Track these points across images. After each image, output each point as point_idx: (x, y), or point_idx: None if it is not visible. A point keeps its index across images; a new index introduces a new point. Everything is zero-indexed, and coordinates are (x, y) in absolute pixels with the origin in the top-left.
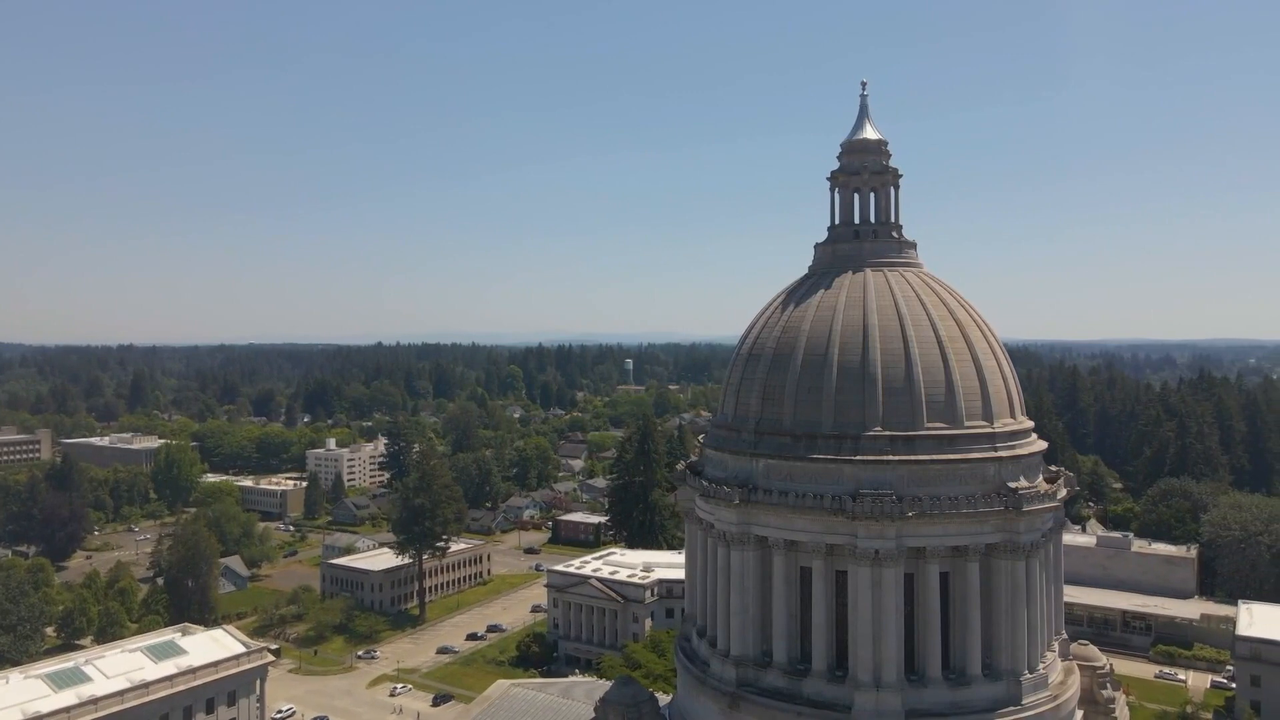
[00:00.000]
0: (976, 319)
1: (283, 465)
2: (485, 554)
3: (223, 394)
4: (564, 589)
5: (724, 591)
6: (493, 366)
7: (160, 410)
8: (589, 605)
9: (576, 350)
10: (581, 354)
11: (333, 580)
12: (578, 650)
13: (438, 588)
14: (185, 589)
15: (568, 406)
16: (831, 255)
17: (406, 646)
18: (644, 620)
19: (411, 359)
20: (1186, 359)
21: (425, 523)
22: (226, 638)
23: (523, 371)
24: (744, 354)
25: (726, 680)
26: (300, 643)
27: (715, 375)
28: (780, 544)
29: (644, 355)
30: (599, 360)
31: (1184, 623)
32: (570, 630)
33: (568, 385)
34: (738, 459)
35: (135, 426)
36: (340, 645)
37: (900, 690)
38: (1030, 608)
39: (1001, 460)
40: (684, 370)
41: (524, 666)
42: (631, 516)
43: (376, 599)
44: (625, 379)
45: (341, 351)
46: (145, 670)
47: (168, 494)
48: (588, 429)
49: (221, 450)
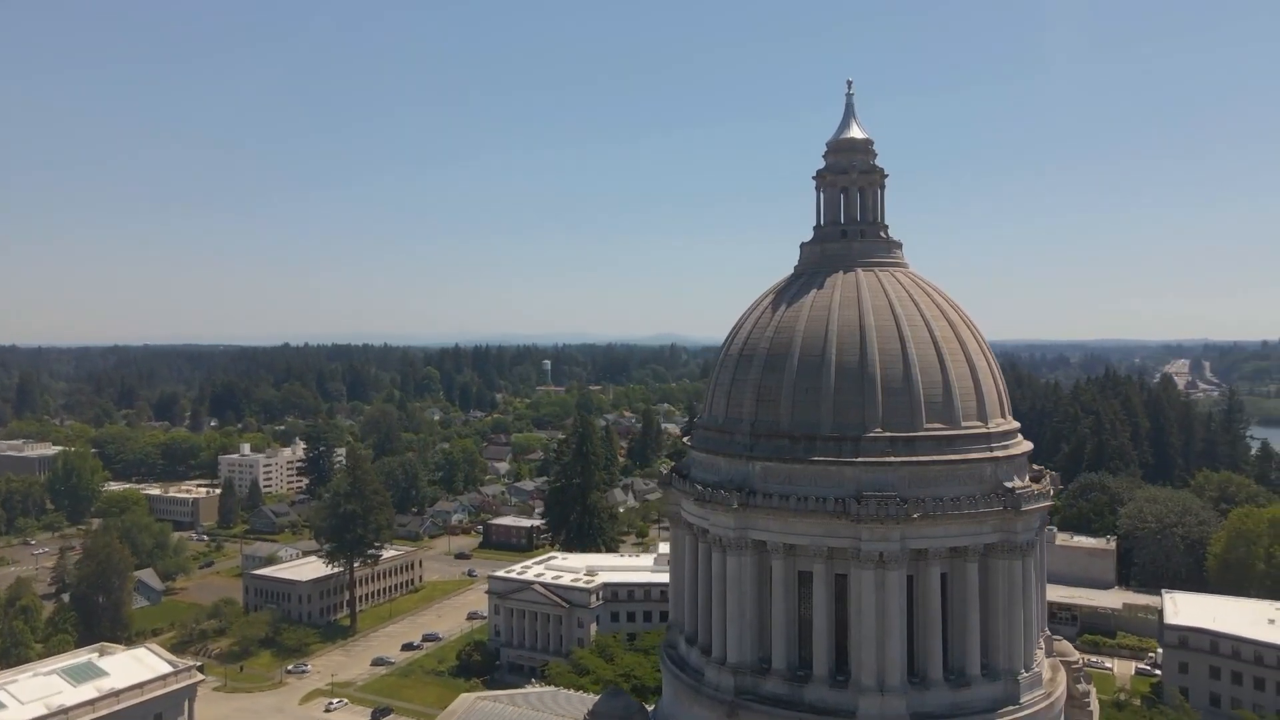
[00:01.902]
0: (965, 319)
1: (191, 472)
2: (417, 561)
3: (120, 398)
4: (506, 595)
5: (719, 597)
6: (408, 368)
7: (51, 415)
8: (532, 611)
9: (494, 351)
10: (499, 355)
11: (257, 592)
12: (521, 658)
13: (368, 596)
14: (95, 605)
15: (488, 408)
16: (820, 255)
17: (339, 659)
18: (589, 625)
19: (322, 360)
20: (1079, 359)
21: (357, 530)
22: (150, 657)
23: (440, 373)
24: (734, 354)
25: (724, 688)
26: (224, 658)
27: (635, 375)
28: (779, 548)
29: (562, 356)
30: (517, 361)
31: (1107, 612)
32: (513, 637)
33: (487, 386)
34: (732, 462)
35: (25, 433)
36: (268, 660)
37: (904, 694)
38: (1026, 607)
39: (998, 460)
40: (603, 371)
41: (465, 676)
42: (569, 519)
43: (305, 610)
44: (544, 380)
45: (246, 353)
46: (63, 695)
47: (67, 504)
48: (511, 430)
49: (123, 457)
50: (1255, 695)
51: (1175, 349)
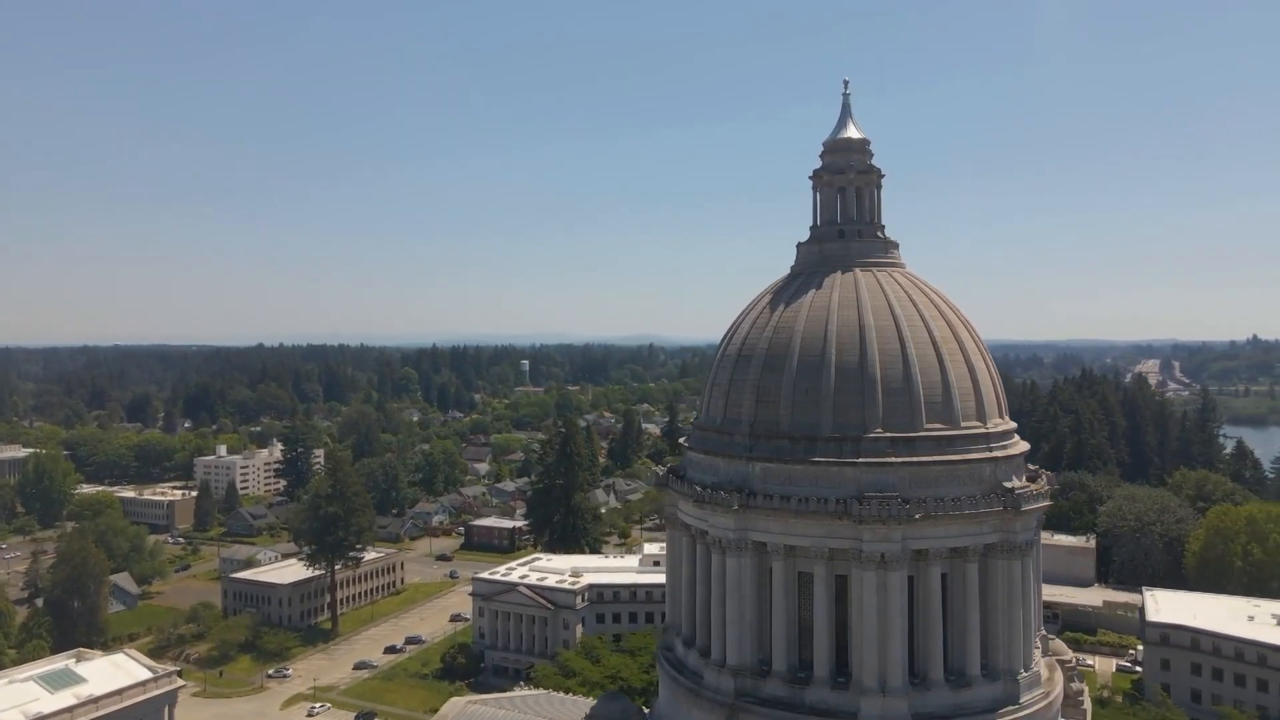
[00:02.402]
0: (963, 320)
1: (165, 474)
2: (398, 563)
3: (91, 399)
4: (491, 597)
5: (719, 599)
6: (386, 368)
7: (19, 416)
8: (518, 613)
9: (472, 351)
10: (477, 355)
11: (236, 595)
12: (506, 660)
13: (350, 599)
14: (70, 610)
15: (467, 409)
16: (819, 255)
17: (321, 663)
18: (575, 627)
19: (298, 361)
20: (1052, 359)
21: (338, 532)
22: (129, 662)
23: (417, 374)
24: (732, 354)
25: (724, 691)
26: (203, 663)
27: (613, 376)
28: (780, 549)
29: (540, 356)
30: (495, 362)
31: (1088, 610)
32: (498, 639)
33: (465, 387)
34: (731, 463)
35: None
36: (248, 665)
37: (906, 695)
38: (1025, 607)
39: (997, 460)
40: (580, 371)
41: (449, 679)
42: (552, 520)
43: (285, 614)
44: (522, 380)
45: (219, 353)
46: (40, 701)
47: (38, 508)
48: (490, 431)
49: (96, 459)
50: (1236, 691)
51: (1145, 349)
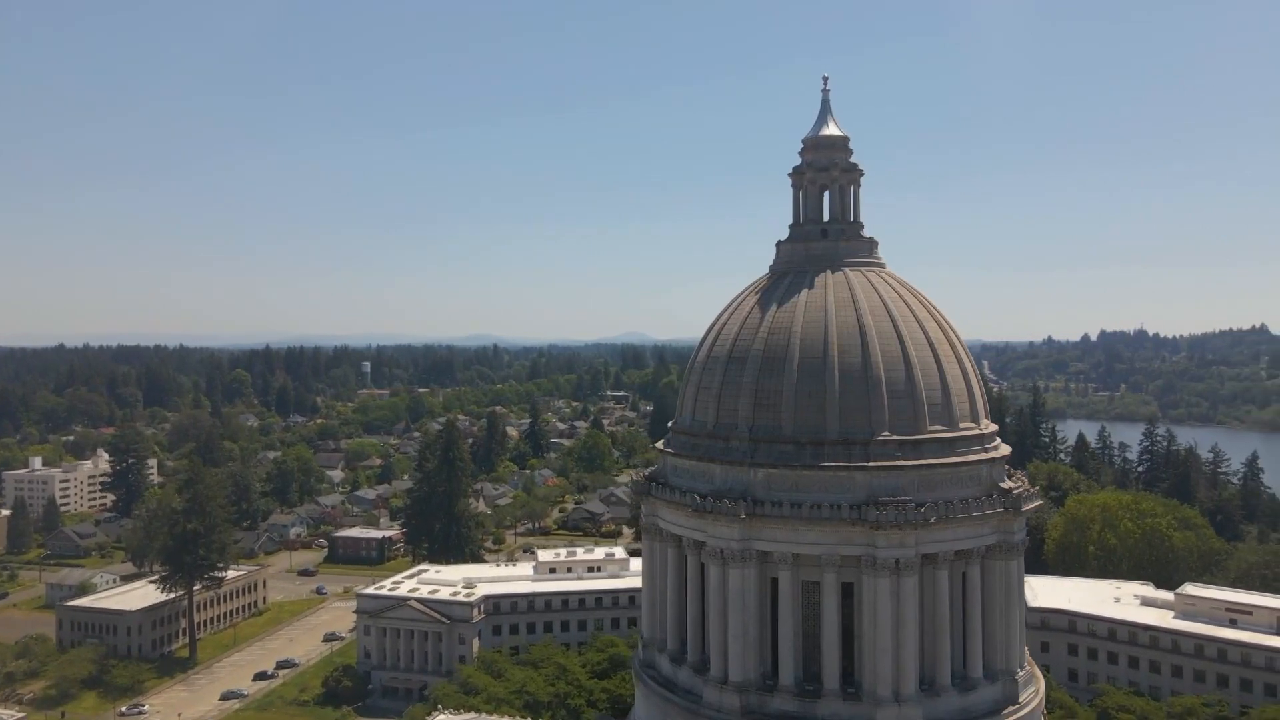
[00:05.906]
0: (948, 320)
1: None
2: (260, 580)
3: None
4: (377, 613)
5: (718, 612)
6: (215, 371)
7: None
8: (408, 629)
9: (309, 353)
10: (315, 357)
11: (74, 625)
12: (396, 680)
13: (207, 623)
14: None
15: (309, 412)
16: (805, 254)
17: (181, 695)
18: (471, 641)
19: (108, 362)
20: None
21: (199, 550)
22: None
23: (250, 376)
24: (721, 355)
25: (728, 709)
26: (40, 704)
27: (460, 377)
28: (787, 559)
29: (380, 358)
30: (334, 364)
31: None
32: (386, 659)
33: (305, 390)
34: (730, 469)
35: None
36: (94, 702)
37: (920, 703)
38: (1021, 606)
39: (993, 461)
40: (426, 373)
41: (334, 704)
42: (434, 529)
43: (135, 643)
44: (364, 382)
45: (15, 354)
46: None
47: None
48: (340, 436)
49: None
50: (1109, 669)
51: None
